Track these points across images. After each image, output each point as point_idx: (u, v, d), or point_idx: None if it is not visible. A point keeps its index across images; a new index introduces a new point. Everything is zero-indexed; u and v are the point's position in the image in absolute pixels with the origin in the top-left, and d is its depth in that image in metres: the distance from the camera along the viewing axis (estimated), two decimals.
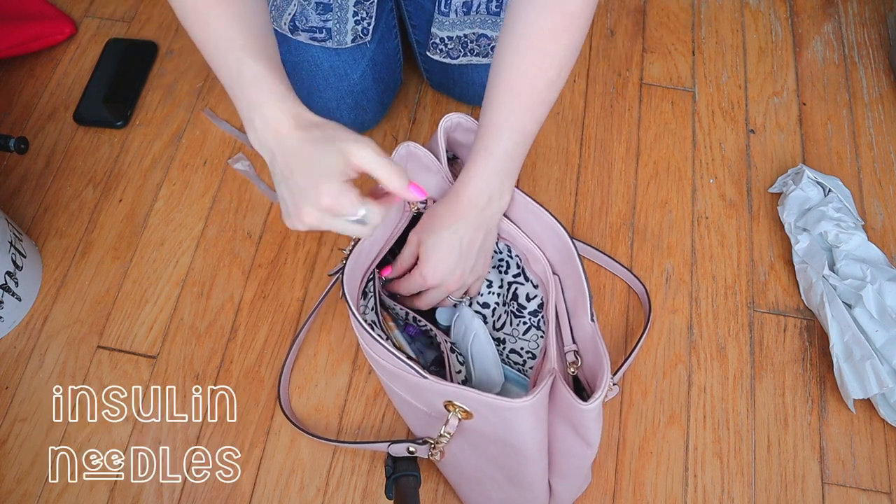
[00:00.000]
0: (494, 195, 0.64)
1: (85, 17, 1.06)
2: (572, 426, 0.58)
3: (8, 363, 0.81)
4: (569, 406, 0.56)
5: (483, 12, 0.82)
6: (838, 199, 0.86)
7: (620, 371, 0.74)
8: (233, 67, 0.54)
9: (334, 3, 0.79)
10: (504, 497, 0.65)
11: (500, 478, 0.62)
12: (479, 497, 0.69)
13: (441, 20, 0.83)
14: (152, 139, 0.96)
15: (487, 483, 0.64)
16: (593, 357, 0.61)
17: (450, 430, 0.59)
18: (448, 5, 0.82)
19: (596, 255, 0.87)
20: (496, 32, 0.84)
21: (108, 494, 0.75)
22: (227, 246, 0.88)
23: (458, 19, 0.83)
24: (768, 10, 1.08)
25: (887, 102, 1.00)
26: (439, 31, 0.84)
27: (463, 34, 0.84)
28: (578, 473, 0.65)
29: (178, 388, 0.80)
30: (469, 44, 0.85)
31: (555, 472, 0.64)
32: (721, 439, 0.78)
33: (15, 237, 0.81)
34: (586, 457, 0.61)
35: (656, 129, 0.97)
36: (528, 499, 0.65)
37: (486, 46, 0.85)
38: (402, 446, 0.65)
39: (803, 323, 0.84)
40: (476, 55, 0.86)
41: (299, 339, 0.80)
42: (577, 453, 0.61)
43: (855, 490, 0.76)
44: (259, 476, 0.76)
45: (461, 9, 0.82)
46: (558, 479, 0.65)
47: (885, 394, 0.76)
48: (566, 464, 0.63)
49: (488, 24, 0.83)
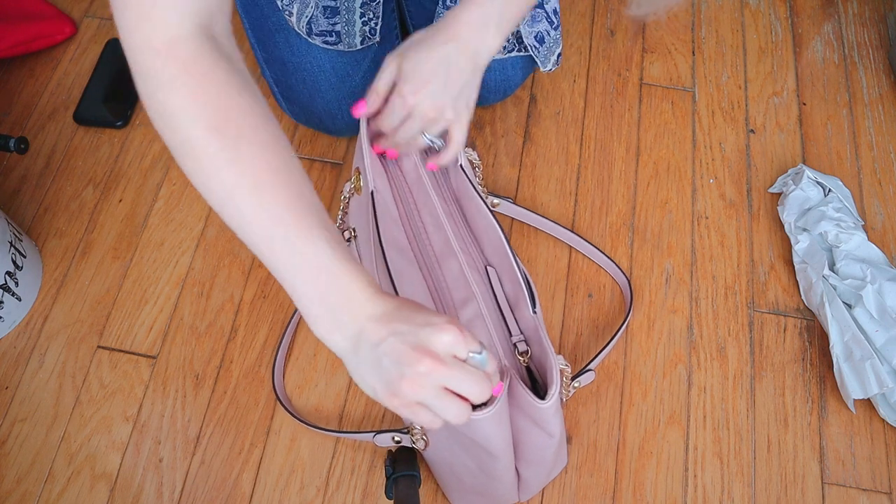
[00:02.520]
0: (491, 25, 0.60)
1: (85, 17, 1.06)
2: (532, 420, 0.59)
3: (8, 363, 0.81)
4: (527, 404, 0.57)
5: None
6: (838, 199, 0.86)
7: (597, 359, 0.75)
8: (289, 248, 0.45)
9: (341, 6, 0.79)
10: (475, 483, 0.66)
11: (472, 466, 0.63)
12: (453, 481, 0.70)
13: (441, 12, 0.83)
14: (152, 139, 0.96)
15: (460, 468, 0.65)
16: (538, 349, 0.62)
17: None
18: (452, 3, 0.82)
19: (580, 244, 0.87)
20: None
21: (108, 494, 0.75)
22: (227, 246, 0.88)
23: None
24: (768, 10, 1.08)
25: (887, 102, 1.00)
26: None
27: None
28: (544, 460, 0.66)
29: (178, 388, 0.80)
30: None
31: (520, 459, 0.64)
32: (721, 439, 0.78)
33: (15, 237, 0.81)
34: (550, 446, 0.62)
35: (656, 129, 0.97)
36: (497, 487, 0.66)
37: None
38: (388, 435, 0.66)
39: (803, 323, 0.84)
40: None
41: (292, 324, 0.81)
42: (540, 444, 0.62)
43: (855, 490, 0.76)
44: (259, 476, 0.76)
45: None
46: (525, 466, 0.66)
47: (885, 394, 0.76)
48: (531, 453, 0.64)
49: None
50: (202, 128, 0.44)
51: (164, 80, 0.45)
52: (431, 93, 0.61)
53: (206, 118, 0.44)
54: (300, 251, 0.44)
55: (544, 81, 1.00)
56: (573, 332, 0.83)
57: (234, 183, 0.44)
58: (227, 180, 0.44)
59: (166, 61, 0.45)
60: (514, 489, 0.68)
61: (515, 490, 0.69)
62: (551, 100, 0.99)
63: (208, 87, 0.45)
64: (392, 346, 0.44)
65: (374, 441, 0.68)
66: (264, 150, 0.45)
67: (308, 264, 0.45)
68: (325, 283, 0.45)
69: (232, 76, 0.47)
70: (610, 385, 0.81)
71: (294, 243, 0.44)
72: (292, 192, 0.45)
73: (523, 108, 0.98)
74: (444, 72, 0.60)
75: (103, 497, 0.75)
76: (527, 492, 0.71)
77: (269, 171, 0.45)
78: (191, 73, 0.45)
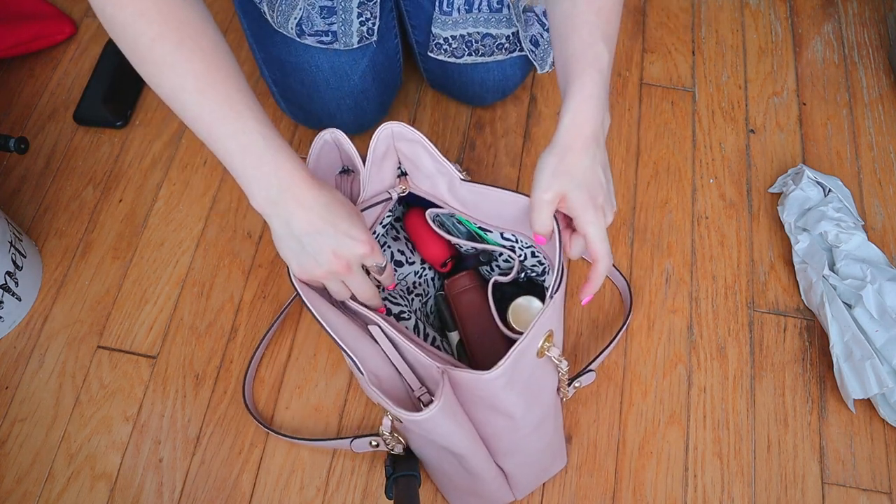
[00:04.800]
0: (606, 115, 0.58)
1: (85, 17, 1.06)
2: (489, 405, 0.58)
3: (8, 363, 0.81)
4: (475, 383, 0.55)
5: (485, 10, 0.82)
6: (838, 199, 0.86)
7: (598, 359, 0.75)
8: (226, 130, 0.53)
9: (338, 6, 0.79)
10: (464, 482, 0.66)
11: (455, 462, 0.63)
12: (445, 481, 0.70)
13: (443, 20, 0.83)
14: (152, 139, 0.96)
15: (447, 467, 0.65)
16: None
17: (385, 430, 0.59)
18: (450, 4, 0.82)
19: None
20: (500, 30, 0.84)
21: (108, 494, 0.75)
22: (227, 246, 0.88)
23: (460, 18, 0.83)
24: (768, 10, 1.08)
25: (887, 102, 1.00)
26: (442, 31, 0.84)
27: (467, 33, 0.84)
28: (519, 449, 0.65)
29: (178, 388, 0.80)
30: (474, 44, 0.85)
31: (496, 452, 0.64)
32: (721, 439, 0.78)
33: (15, 237, 0.81)
34: (516, 429, 0.61)
35: (656, 129, 0.97)
36: (483, 486, 0.66)
37: (491, 46, 0.85)
38: (365, 441, 0.66)
39: (803, 323, 0.84)
40: (481, 55, 0.86)
41: (270, 332, 0.81)
42: (505, 428, 0.61)
43: (855, 490, 0.76)
44: (259, 476, 0.76)
45: (463, 6, 0.82)
46: (505, 459, 0.65)
47: (885, 394, 0.76)
48: (500, 443, 0.63)
49: (492, 22, 0.83)
50: (149, 38, 0.51)
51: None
52: (606, 196, 0.58)
53: (152, 30, 0.51)
54: (242, 144, 0.53)
55: (544, 81, 1.00)
56: (573, 332, 0.83)
57: (179, 85, 0.52)
58: (174, 82, 0.52)
59: None
60: (503, 487, 0.68)
61: (506, 488, 0.69)
62: (551, 100, 0.99)
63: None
64: (315, 241, 0.56)
65: (351, 447, 0.68)
66: (204, 54, 0.52)
67: (251, 154, 0.53)
68: (266, 172, 0.54)
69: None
70: (610, 385, 0.81)
71: (237, 137, 0.53)
72: (230, 88, 0.53)
73: (523, 108, 0.98)
74: (602, 172, 0.57)
75: (103, 497, 0.75)
76: (520, 489, 0.70)
77: (209, 73, 0.52)
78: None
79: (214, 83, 0.52)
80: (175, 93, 0.53)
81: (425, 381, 0.60)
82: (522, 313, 0.70)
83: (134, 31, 0.51)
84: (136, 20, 0.51)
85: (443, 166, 0.65)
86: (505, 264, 0.73)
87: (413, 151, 0.65)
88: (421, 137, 0.64)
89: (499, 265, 0.74)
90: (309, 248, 0.56)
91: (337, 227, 0.56)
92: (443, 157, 0.65)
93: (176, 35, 0.51)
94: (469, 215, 0.67)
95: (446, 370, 0.57)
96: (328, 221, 0.55)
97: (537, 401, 0.61)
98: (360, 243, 0.57)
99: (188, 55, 0.52)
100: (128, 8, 0.51)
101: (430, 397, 0.60)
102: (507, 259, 0.72)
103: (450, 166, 0.65)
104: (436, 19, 0.83)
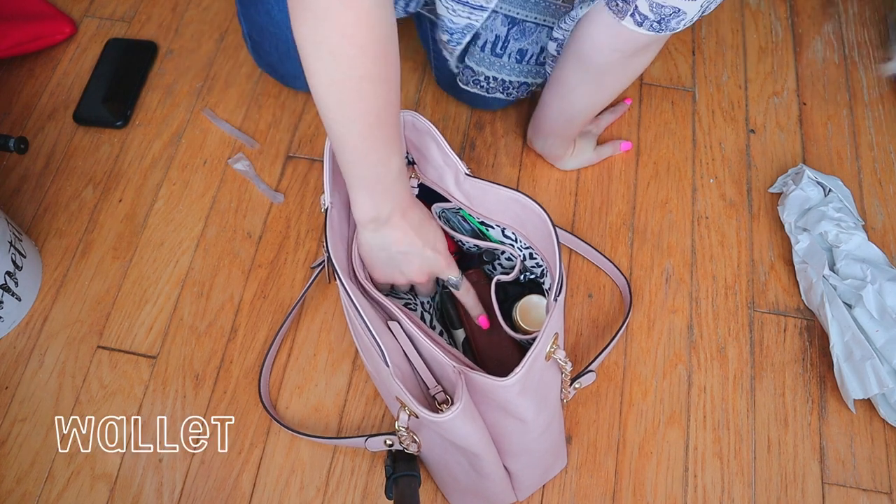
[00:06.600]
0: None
1: (85, 17, 1.06)
2: (502, 408, 0.58)
3: (8, 363, 0.81)
4: (491, 389, 0.56)
5: (532, 63, 0.85)
6: (838, 199, 0.86)
7: (597, 360, 0.75)
8: (374, 158, 0.58)
9: None
10: (469, 483, 0.66)
11: (465, 462, 0.63)
12: (449, 481, 0.70)
13: (492, 60, 0.84)
14: (152, 139, 0.96)
15: (454, 467, 0.65)
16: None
17: (402, 425, 0.59)
18: (504, 48, 0.82)
19: (579, 245, 0.87)
20: (537, 80, 0.87)
21: (108, 494, 0.75)
22: (227, 246, 0.88)
23: (507, 63, 0.84)
24: (768, 10, 1.08)
25: (887, 102, 1.00)
26: (487, 70, 0.85)
27: (510, 79, 0.86)
28: (527, 450, 0.65)
29: (178, 388, 0.80)
30: (510, 87, 0.88)
31: (504, 453, 0.64)
32: (721, 439, 0.78)
33: (15, 237, 0.81)
34: (526, 432, 0.61)
35: (656, 129, 0.97)
36: (489, 486, 0.66)
37: (523, 91, 0.89)
38: (380, 439, 0.66)
39: (803, 323, 0.84)
40: (511, 96, 0.89)
41: (284, 327, 0.81)
42: (515, 430, 0.61)
43: (855, 490, 0.76)
44: (259, 476, 0.76)
45: (515, 55, 0.83)
46: (511, 460, 0.65)
47: (885, 394, 0.76)
48: (510, 444, 0.63)
49: (532, 73, 0.86)
50: (358, 75, 0.53)
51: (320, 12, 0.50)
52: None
53: (362, 66, 0.52)
54: (376, 171, 0.58)
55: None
56: (573, 333, 0.83)
57: (354, 117, 0.55)
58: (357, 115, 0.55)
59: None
60: (507, 488, 0.68)
61: (510, 488, 0.69)
62: None
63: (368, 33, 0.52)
64: (406, 257, 0.64)
65: (365, 446, 0.68)
66: (389, 92, 0.55)
67: (375, 179, 0.59)
68: (380, 192, 0.60)
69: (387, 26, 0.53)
70: (610, 385, 0.81)
71: (375, 164, 0.58)
72: (391, 128, 0.57)
73: (523, 108, 0.98)
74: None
75: (103, 497, 0.75)
76: (522, 490, 0.71)
77: (382, 110, 0.55)
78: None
79: (388, 119, 0.56)
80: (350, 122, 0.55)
81: (441, 379, 0.61)
82: (530, 311, 0.70)
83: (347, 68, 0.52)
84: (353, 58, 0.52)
85: (450, 158, 0.66)
86: (507, 262, 0.73)
87: (422, 141, 0.65)
88: (432, 127, 0.64)
89: (501, 264, 0.74)
90: (397, 260, 0.64)
91: (426, 243, 0.64)
92: (451, 149, 0.65)
93: (384, 72, 0.54)
94: (473, 210, 0.68)
95: (462, 371, 0.57)
96: (420, 237, 0.63)
97: (546, 403, 0.61)
98: (441, 257, 0.65)
99: (376, 89, 0.54)
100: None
101: (444, 396, 0.60)
102: (510, 257, 0.72)
103: (457, 159, 0.66)
104: (484, 58, 0.84)
